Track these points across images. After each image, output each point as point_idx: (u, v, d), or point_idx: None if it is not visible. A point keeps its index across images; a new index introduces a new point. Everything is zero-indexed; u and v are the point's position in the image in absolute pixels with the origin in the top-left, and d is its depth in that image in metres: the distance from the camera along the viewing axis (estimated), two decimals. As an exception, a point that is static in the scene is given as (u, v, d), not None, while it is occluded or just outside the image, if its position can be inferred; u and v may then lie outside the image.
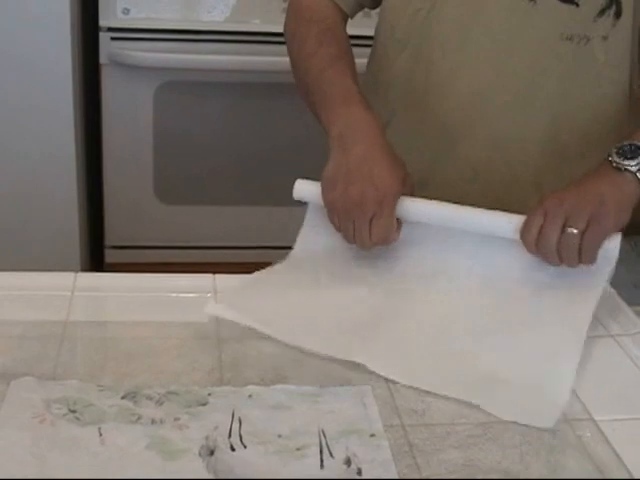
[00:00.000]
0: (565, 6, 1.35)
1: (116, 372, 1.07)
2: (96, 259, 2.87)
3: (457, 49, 1.40)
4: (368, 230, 1.23)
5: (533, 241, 1.18)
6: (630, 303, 1.30)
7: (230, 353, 1.13)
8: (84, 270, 2.73)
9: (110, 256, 2.82)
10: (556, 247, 1.17)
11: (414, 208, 1.25)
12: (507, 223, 1.22)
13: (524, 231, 1.19)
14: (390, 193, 1.23)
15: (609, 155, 1.22)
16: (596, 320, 1.27)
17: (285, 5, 2.42)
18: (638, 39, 1.38)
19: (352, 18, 1.55)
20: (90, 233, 2.85)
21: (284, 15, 2.45)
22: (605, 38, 1.36)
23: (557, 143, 1.42)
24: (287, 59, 2.22)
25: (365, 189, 1.22)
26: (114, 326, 1.20)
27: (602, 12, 1.35)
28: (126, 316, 1.21)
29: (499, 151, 1.42)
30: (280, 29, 2.51)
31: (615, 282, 1.47)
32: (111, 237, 2.80)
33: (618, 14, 1.35)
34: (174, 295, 1.27)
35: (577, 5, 1.35)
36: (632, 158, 1.21)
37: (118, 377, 1.06)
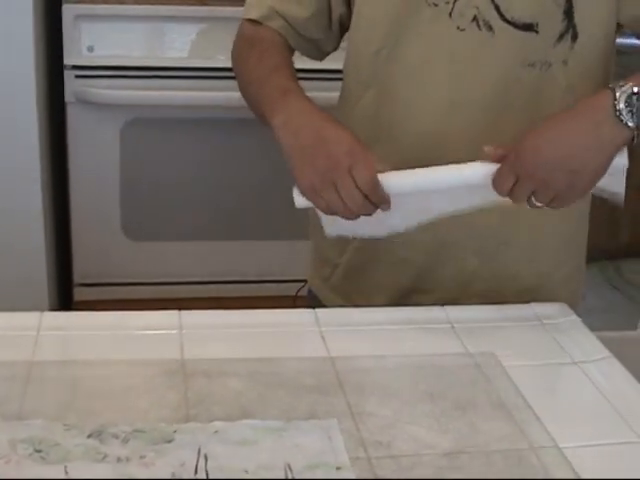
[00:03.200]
0: (525, 34, 1.36)
1: (82, 411, 1.07)
2: (65, 297, 2.86)
3: (419, 84, 1.41)
4: (352, 182, 1.22)
5: (506, 193, 1.22)
6: (599, 328, 1.31)
7: (196, 389, 1.13)
8: (53, 308, 2.72)
9: (79, 294, 2.81)
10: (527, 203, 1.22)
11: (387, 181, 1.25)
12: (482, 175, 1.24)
13: (496, 185, 1.22)
14: (354, 144, 1.24)
15: (615, 98, 1.20)
16: (560, 347, 1.29)
17: (249, 41, 2.46)
18: (603, 62, 1.41)
19: (320, 60, 1.57)
20: (58, 271, 2.84)
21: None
22: (565, 62, 1.38)
23: None
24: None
25: (329, 151, 1.24)
26: (80, 365, 1.19)
27: (561, 37, 1.36)
28: (92, 354, 1.21)
29: None
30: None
31: (583, 308, 1.49)
32: (80, 275, 2.79)
33: (574, 37, 1.37)
34: (140, 332, 1.27)
35: (537, 32, 1.36)
36: (636, 114, 1.20)
37: (84, 416, 1.06)
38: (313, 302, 1.59)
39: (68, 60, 2.57)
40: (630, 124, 1.19)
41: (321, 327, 1.30)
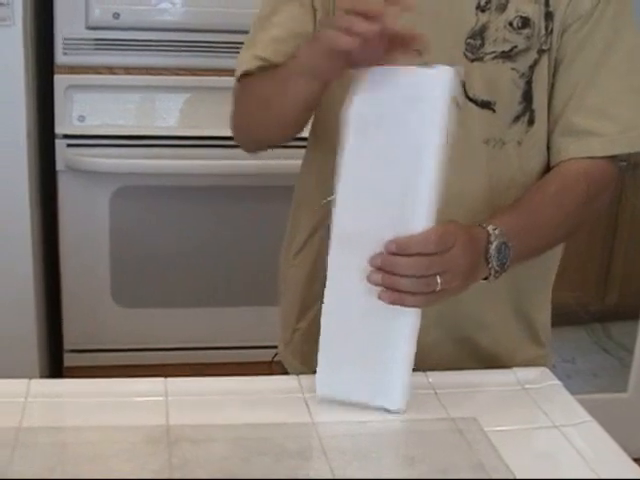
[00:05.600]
0: (484, 112, 1.40)
1: (67, 476, 1.08)
2: (56, 363, 2.86)
3: None
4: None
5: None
6: (589, 391, 1.32)
7: (180, 455, 1.14)
8: (44, 374, 2.72)
9: (69, 360, 2.81)
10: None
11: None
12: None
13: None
14: None
15: (489, 242, 1.28)
16: (541, 412, 1.30)
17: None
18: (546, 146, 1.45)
19: None
20: (49, 337, 2.85)
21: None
22: (519, 143, 1.42)
23: None
24: (242, 162, 2.27)
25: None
26: (67, 431, 1.21)
27: (517, 118, 1.41)
28: (78, 421, 1.22)
29: None
30: (233, 133, 2.57)
31: (573, 371, 1.50)
32: (70, 341, 2.79)
33: (531, 122, 1.42)
34: (126, 399, 1.28)
35: (494, 111, 1.40)
36: (500, 262, 1.29)
37: (68, 483, 1.07)
38: (281, 369, 1.62)
39: (59, 129, 2.60)
40: (495, 267, 1.28)
41: (305, 393, 1.32)
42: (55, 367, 2.86)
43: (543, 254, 1.45)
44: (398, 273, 1.19)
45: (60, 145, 2.61)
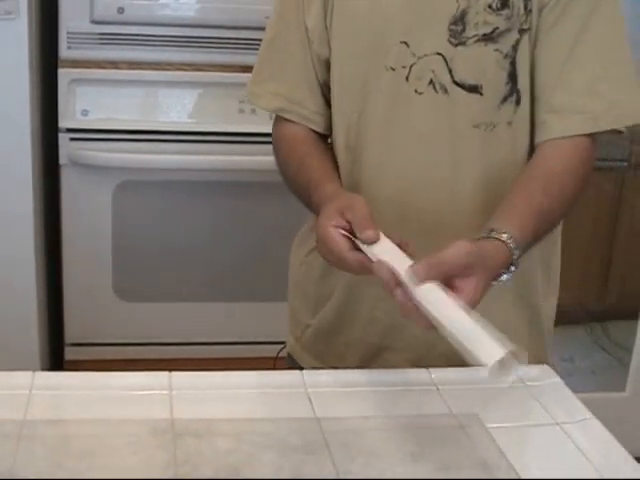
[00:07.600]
0: (472, 96, 1.42)
1: (72, 470, 1.08)
2: (57, 357, 2.87)
3: (384, 149, 1.45)
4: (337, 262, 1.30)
5: None
6: (587, 390, 1.32)
7: (185, 449, 1.14)
8: (44, 367, 2.73)
9: (70, 353, 2.82)
10: None
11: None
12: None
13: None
14: (320, 232, 1.30)
15: (512, 263, 1.28)
16: (542, 409, 1.31)
17: (241, 106, 2.51)
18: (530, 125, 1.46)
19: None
20: (50, 331, 2.85)
21: (240, 115, 2.53)
22: (509, 124, 1.43)
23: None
24: (243, 158, 2.27)
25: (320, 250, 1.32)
26: (71, 424, 1.21)
27: (505, 99, 1.43)
28: (83, 414, 1.22)
29: (431, 241, 1.41)
30: (236, 129, 2.59)
31: (572, 369, 1.50)
32: (71, 335, 2.80)
33: (518, 102, 1.43)
34: (130, 393, 1.28)
35: (481, 94, 1.42)
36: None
37: (74, 475, 1.07)
38: (292, 363, 1.62)
39: (63, 123, 2.61)
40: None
41: (308, 388, 1.32)
42: (56, 361, 2.87)
43: None
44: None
45: (63, 139, 2.61)
